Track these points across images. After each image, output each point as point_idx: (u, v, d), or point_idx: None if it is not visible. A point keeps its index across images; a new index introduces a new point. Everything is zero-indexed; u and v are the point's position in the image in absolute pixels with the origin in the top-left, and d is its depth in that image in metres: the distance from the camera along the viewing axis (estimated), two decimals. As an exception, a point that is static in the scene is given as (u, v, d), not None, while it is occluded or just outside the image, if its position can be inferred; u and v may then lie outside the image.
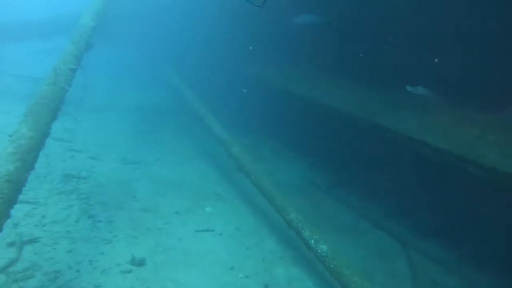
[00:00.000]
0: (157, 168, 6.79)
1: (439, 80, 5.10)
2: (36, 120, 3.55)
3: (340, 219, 6.22)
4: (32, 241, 4.16)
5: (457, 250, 5.28)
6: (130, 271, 4.10)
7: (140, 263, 4.23)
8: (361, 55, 6.54)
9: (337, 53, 7.03)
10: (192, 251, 4.66)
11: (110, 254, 4.28)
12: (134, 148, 7.45)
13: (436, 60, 5.18)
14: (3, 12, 12.37)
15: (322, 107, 6.57)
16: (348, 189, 6.92)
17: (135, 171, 6.50)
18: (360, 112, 5.85)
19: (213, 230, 5.19)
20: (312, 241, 4.32)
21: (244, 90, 9.00)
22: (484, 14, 4.68)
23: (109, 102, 10.02)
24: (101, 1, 7.69)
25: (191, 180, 6.61)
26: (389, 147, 5.71)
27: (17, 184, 3.02)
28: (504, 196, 4.40)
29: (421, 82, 5.14)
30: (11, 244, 4.01)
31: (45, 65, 4.99)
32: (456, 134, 4.63)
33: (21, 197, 3.16)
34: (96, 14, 6.82)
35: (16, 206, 3.05)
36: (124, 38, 12.35)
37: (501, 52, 4.53)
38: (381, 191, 6.33)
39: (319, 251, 4.27)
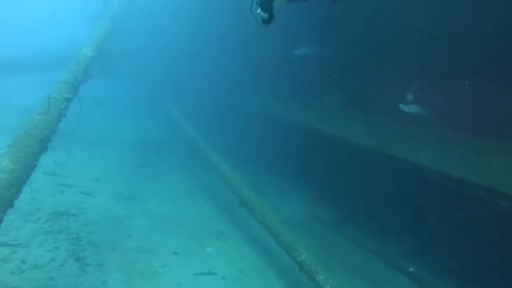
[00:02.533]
0: (153, 204, 6.35)
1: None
2: (21, 152, 3.20)
3: (350, 258, 5.75)
4: (7, 291, 3.65)
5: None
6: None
7: (133, 314, 3.72)
8: (366, 85, 6.42)
9: (340, 83, 6.90)
10: (191, 299, 4.16)
11: (98, 304, 3.77)
12: (129, 183, 7.03)
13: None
14: (3, 46, 12.35)
15: (329, 138, 6.31)
16: (357, 224, 6.48)
17: (130, 207, 6.05)
18: (369, 142, 5.57)
19: (215, 273, 4.70)
20: (328, 286, 3.86)
21: (244, 123, 8.80)
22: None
23: (105, 135, 9.70)
24: (101, 33, 7.62)
25: (190, 217, 6.16)
26: (401, 179, 5.38)
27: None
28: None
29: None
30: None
31: (40, 96, 4.71)
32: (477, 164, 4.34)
33: (-2, 239, 2.73)
34: (95, 45, 6.68)
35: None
36: (124, 71, 12.30)
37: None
38: (393, 227, 5.91)
39: (335, 297, 3.80)
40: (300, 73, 7.26)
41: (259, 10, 3.36)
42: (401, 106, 5.25)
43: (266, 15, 3.30)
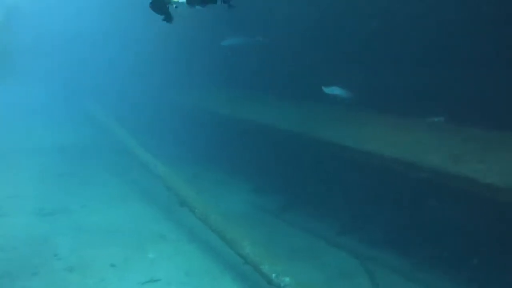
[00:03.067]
0: (83, 216, 5.83)
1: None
2: None
3: (295, 242, 5.89)
4: None
5: (411, 257, 5.27)
6: None
7: None
8: (291, 72, 6.54)
9: (266, 72, 6.94)
10: (136, 312, 3.90)
11: None
12: (53, 195, 6.37)
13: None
14: None
15: (262, 127, 6.33)
16: (299, 210, 6.65)
17: (55, 223, 5.48)
18: (301, 128, 5.71)
19: (159, 280, 4.46)
20: (274, 275, 3.88)
21: (172, 116, 8.46)
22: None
23: (20, 144, 8.66)
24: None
25: (127, 224, 5.77)
26: (334, 162, 5.62)
27: None
28: (449, 197, 4.50)
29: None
30: None
31: None
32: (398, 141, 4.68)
33: None
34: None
35: None
36: (34, 72, 11.03)
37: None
38: (331, 208, 6.18)
39: (282, 284, 3.84)
40: (229, 65, 7.16)
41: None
42: (325, 89, 5.45)
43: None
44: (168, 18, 3.20)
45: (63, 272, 4.33)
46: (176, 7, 3.12)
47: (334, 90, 5.44)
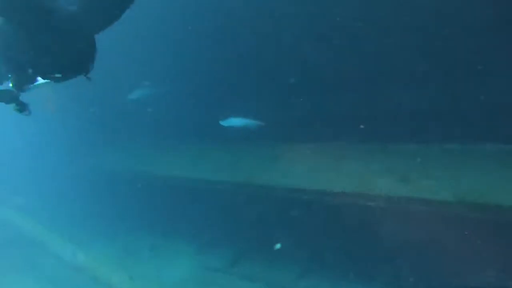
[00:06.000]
0: None
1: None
2: None
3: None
4: None
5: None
6: None
7: None
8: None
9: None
10: None
11: None
12: None
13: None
14: None
15: (190, 182, 5.67)
16: (249, 260, 6.02)
17: None
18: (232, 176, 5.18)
19: None
20: None
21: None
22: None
23: None
24: None
25: None
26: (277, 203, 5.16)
27: None
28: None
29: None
30: None
31: None
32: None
33: None
34: None
35: None
36: None
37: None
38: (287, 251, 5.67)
39: None
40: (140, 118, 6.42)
41: None
42: (222, 123, 5.03)
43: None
44: (22, 107, 2.46)
45: None
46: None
47: (233, 122, 5.00)
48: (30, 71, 2.29)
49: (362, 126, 4.43)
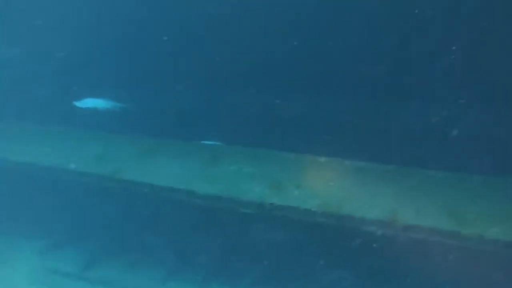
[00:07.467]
0: None
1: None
2: None
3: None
4: None
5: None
6: None
7: None
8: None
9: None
10: None
11: None
12: None
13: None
14: None
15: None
16: (104, 262, 5.33)
17: None
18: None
19: None
20: None
21: None
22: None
23: None
24: None
25: None
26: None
27: None
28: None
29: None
30: None
31: None
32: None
33: None
34: None
35: None
36: None
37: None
38: (151, 251, 5.21)
39: None
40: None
41: None
42: (77, 104, 4.30)
43: None
44: None
45: None
46: None
47: (89, 103, 4.28)
48: None
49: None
